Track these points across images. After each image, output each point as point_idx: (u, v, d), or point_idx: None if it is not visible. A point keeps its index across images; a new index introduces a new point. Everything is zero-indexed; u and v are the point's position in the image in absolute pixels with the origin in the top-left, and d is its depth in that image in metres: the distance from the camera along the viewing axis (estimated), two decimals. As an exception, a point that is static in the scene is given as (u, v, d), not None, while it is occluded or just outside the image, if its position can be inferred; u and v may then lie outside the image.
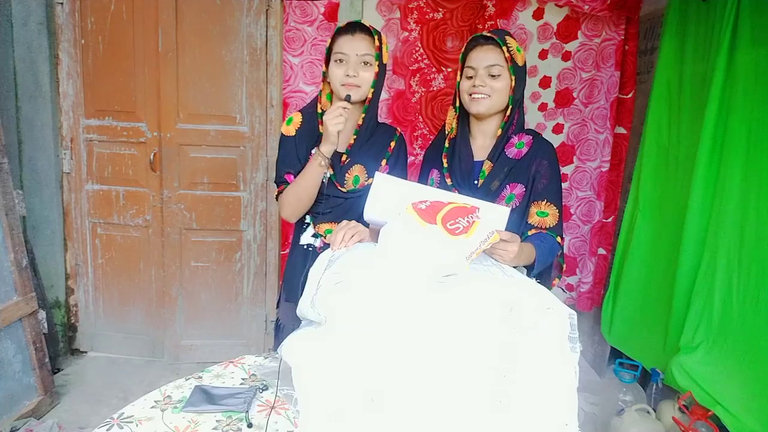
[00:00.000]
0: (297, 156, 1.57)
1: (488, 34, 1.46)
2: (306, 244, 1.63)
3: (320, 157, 1.48)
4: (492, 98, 1.46)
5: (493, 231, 1.10)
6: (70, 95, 2.75)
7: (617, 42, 2.61)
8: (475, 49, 1.48)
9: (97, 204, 2.85)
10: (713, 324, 1.93)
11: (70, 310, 2.94)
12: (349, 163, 1.57)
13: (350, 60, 1.48)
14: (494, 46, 1.45)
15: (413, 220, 1.04)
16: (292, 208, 1.57)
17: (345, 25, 1.51)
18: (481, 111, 1.48)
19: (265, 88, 2.74)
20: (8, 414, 2.23)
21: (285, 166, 1.58)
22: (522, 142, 1.51)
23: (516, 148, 1.51)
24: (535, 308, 0.98)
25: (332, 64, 1.52)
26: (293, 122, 1.60)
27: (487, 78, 1.45)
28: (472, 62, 1.48)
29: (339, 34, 1.51)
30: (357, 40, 1.48)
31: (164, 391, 1.20)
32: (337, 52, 1.50)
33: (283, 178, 1.58)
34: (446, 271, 1.02)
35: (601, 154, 2.76)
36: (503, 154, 1.50)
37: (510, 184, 1.49)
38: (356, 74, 1.48)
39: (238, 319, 2.97)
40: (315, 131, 1.57)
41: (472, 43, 1.50)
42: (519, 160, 1.49)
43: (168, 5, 2.62)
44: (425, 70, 2.65)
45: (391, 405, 0.93)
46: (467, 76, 1.50)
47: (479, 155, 1.55)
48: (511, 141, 1.51)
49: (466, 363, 0.94)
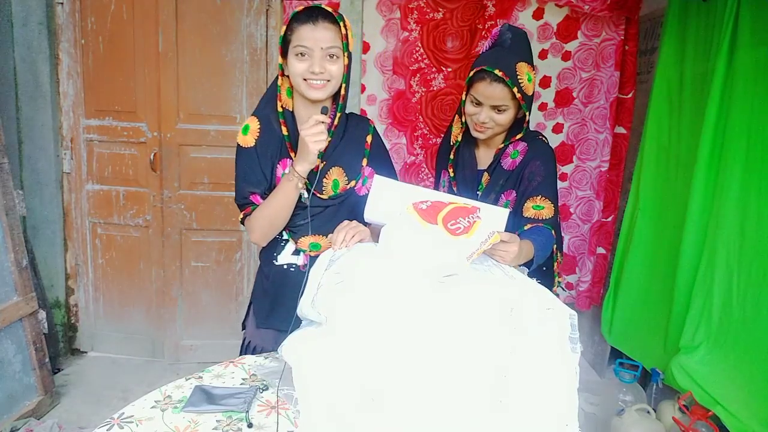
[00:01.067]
0: (261, 171, 1.38)
1: (500, 75, 1.39)
2: (286, 264, 1.46)
3: (296, 179, 1.31)
4: (495, 130, 1.48)
5: (494, 231, 1.10)
6: (70, 95, 2.75)
7: (617, 42, 2.62)
8: (483, 83, 1.42)
9: (97, 204, 2.85)
10: (713, 324, 1.93)
11: (70, 310, 2.94)
12: (324, 168, 1.39)
13: (314, 54, 1.28)
14: (503, 86, 1.41)
15: (414, 220, 1.04)
16: (264, 231, 1.40)
17: (304, 10, 1.29)
18: (483, 138, 1.51)
19: (265, 88, 2.74)
20: (8, 414, 2.23)
21: (248, 185, 1.38)
22: (516, 151, 1.52)
23: (511, 158, 1.53)
24: (536, 309, 0.98)
25: (292, 57, 1.30)
26: (250, 130, 1.38)
27: (492, 112, 1.44)
28: (478, 95, 1.44)
29: (298, 22, 1.29)
30: (320, 30, 1.27)
31: (164, 391, 1.20)
32: (297, 44, 1.28)
33: (248, 198, 1.39)
34: (447, 271, 1.03)
35: (600, 154, 2.76)
36: (499, 166, 1.53)
37: (504, 193, 1.53)
38: (323, 70, 1.28)
39: (238, 320, 2.95)
40: (277, 137, 1.38)
41: (480, 74, 1.43)
42: (513, 170, 1.52)
43: (168, 5, 2.62)
44: (425, 70, 2.64)
45: (391, 405, 0.93)
46: (472, 101, 1.47)
47: (482, 164, 1.59)
48: (506, 151, 1.53)
49: (466, 363, 0.94)
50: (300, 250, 1.44)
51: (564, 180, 2.84)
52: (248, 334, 1.60)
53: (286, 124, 1.38)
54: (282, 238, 1.45)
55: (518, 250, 1.24)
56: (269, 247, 1.48)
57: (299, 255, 1.45)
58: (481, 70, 1.42)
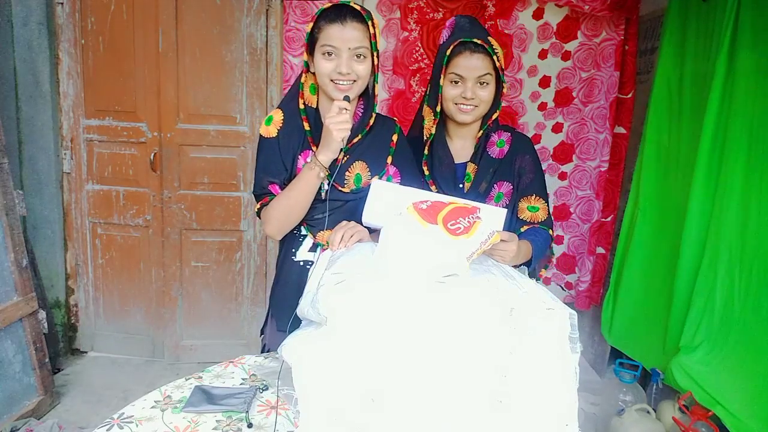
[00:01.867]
0: (282, 162, 1.36)
1: (479, 42, 1.37)
2: (302, 261, 1.43)
3: (318, 168, 1.29)
4: (479, 108, 1.43)
5: (494, 231, 1.10)
6: (70, 95, 2.75)
7: (617, 42, 2.62)
8: (464, 56, 1.39)
9: (97, 204, 2.85)
10: (714, 324, 1.93)
11: (70, 310, 2.94)
12: (348, 161, 1.39)
13: (342, 54, 1.27)
14: (485, 55, 1.38)
15: (414, 220, 1.04)
16: (280, 223, 1.37)
17: (332, 8, 1.28)
18: (468, 121, 1.44)
19: (265, 88, 2.74)
20: (8, 414, 2.23)
21: (268, 174, 1.37)
22: (502, 140, 1.50)
23: (498, 147, 1.50)
24: (536, 308, 0.98)
25: (319, 56, 1.30)
26: (274, 121, 1.38)
27: (476, 87, 1.40)
28: (460, 70, 1.39)
29: (326, 21, 1.27)
30: (348, 30, 1.26)
31: (164, 391, 1.20)
32: (325, 44, 1.28)
33: (267, 188, 1.37)
34: (447, 271, 1.02)
35: (600, 154, 2.76)
36: (486, 154, 1.49)
37: (497, 183, 1.48)
38: (350, 70, 1.28)
39: (238, 319, 2.97)
40: (300, 130, 1.38)
41: (459, 48, 1.39)
42: (502, 158, 1.49)
43: (168, 5, 2.62)
44: (425, 69, 2.65)
45: (391, 405, 0.93)
46: (452, 81, 1.41)
47: (459, 157, 1.51)
48: (491, 140, 1.50)
49: (466, 363, 0.94)
50: (318, 244, 1.41)
51: (564, 179, 2.84)
52: (267, 339, 1.53)
53: (309, 120, 1.37)
54: (300, 233, 1.42)
55: (517, 249, 1.25)
56: (287, 243, 1.45)
57: (316, 250, 1.42)
58: (459, 44, 1.38)
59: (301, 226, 1.42)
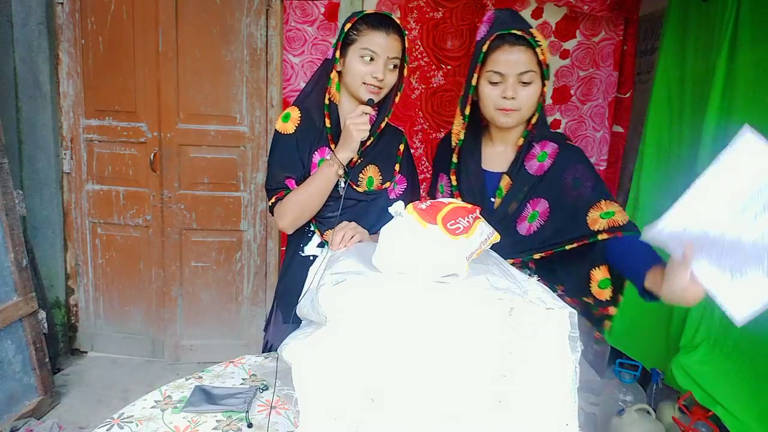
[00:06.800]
0: (299, 158, 1.40)
1: (519, 33, 1.21)
2: (312, 255, 1.46)
3: (337, 165, 1.34)
4: (522, 111, 1.26)
5: (494, 231, 1.10)
6: (70, 95, 2.75)
7: (616, 42, 2.63)
8: (503, 50, 1.23)
9: (97, 204, 2.85)
10: (714, 324, 1.93)
11: (70, 310, 2.94)
12: (361, 164, 1.43)
13: (380, 60, 1.33)
14: (526, 47, 1.22)
15: (413, 220, 1.04)
16: (295, 216, 1.39)
17: (376, 16, 1.33)
18: (511, 124, 1.28)
19: (265, 88, 2.74)
20: (8, 414, 2.23)
21: (284, 169, 1.40)
22: (545, 152, 1.29)
23: (538, 161, 1.30)
24: (536, 308, 0.98)
25: (356, 58, 1.34)
26: (291, 118, 1.42)
27: (518, 86, 1.23)
28: (500, 66, 1.23)
29: (370, 26, 1.32)
30: (391, 40, 1.33)
31: (164, 391, 1.20)
32: (366, 47, 1.32)
33: (283, 183, 1.40)
34: (446, 271, 1.02)
35: (598, 152, 2.77)
36: (523, 169, 1.30)
37: (532, 201, 1.29)
38: (383, 77, 1.34)
39: (238, 319, 2.97)
40: (317, 127, 1.41)
41: (497, 42, 1.23)
42: (541, 175, 1.29)
43: (168, 5, 2.62)
44: (425, 67, 2.66)
45: (391, 405, 0.93)
46: (491, 81, 1.25)
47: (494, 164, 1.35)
48: (532, 152, 1.31)
49: (466, 363, 0.94)
50: (325, 242, 1.44)
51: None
52: (270, 335, 1.57)
53: (330, 116, 1.40)
54: (309, 229, 1.46)
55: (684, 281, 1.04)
56: (296, 238, 1.48)
57: (324, 248, 1.45)
58: (496, 37, 1.22)
59: (311, 223, 1.44)
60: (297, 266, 1.47)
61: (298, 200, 1.37)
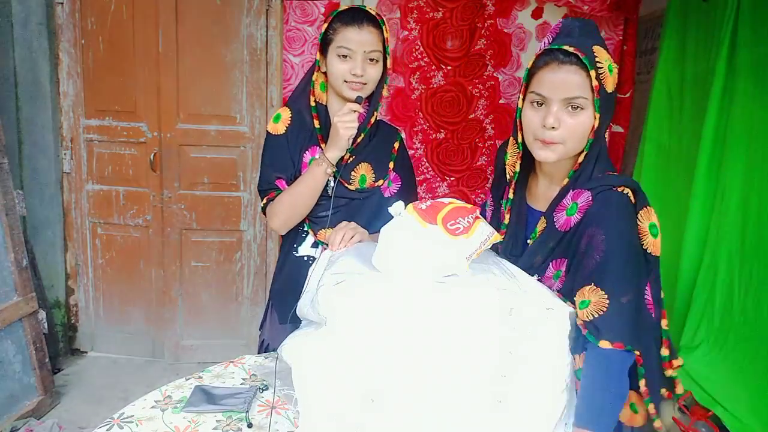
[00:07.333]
0: (290, 158, 1.41)
1: (571, 50, 1.00)
2: (305, 256, 1.46)
3: (326, 164, 1.34)
4: (567, 144, 1.04)
5: (494, 231, 1.09)
6: (70, 95, 2.75)
7: (615, 42, 2.63)
8: (549, 69, 1.03)
9: (97, 204, 2.85)
10: (714, 324, 1.93)
11: (70, 310, 2.94)
12: (353, 162, 1.42)
13: (357, 56, 1.32)
14: (579, 68, 1.00)
15: (413, 220, 1.04)
16: (286, 216, 1.40)
17: (348, 11, 1.34)
18: (551, 159, 1.06)
19: (265, 88, 2.74)
20: (8, 414, 2.23)
21: (275, 170, 1.41)
22: (575, 204, 1.07)
23: (567, 214, 1.08)
24: (536, 308, 0.98)
25: (333, 57, 1.34)
26: (282, 119, 1.42)
27: (563, 113, 1.02)
28: (542, 88, 1.03)
29: (342, 23, 1.33)
30: (365, 34, 1.32)
31: (164, 391, 1.20)
32: (341, 45, 1.32)
33: (273, 184, 1.41)
34: (446, 271, 1.02)
35: (599, 153, 2.77)
36: (551, 221, 1.11)
37: (554, 262, 1.10)
38: (363, 72, 1.33)
39: (238, 319, 2.97)
40: (308, 127, 1.42)
41: (545, 58, 1.03)
42: (566, 232, 1.08)
43: (168, 5, 2.61)
44: (425, 68, 2.66)
45: (391, 405, 0.93)
46: (533, 102, 1.06)
47: (537, 201, 1.18)
48: (563, 202, 1.09)
49: (466, 363, 0.94)
50: (318, 242, 1.44)
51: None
52: (266, 335, 1.55)
53: (319, 117, 1.40)
54: (303, 229, 1.46)
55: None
56: (290, 238, 1.48)
57: (318, 248, 1.45)
58: (544, 53, 1.04)
59: (304, 223, 1.44)
60: (291, 266, 1.47)
61: (288, 200, 1.38)
